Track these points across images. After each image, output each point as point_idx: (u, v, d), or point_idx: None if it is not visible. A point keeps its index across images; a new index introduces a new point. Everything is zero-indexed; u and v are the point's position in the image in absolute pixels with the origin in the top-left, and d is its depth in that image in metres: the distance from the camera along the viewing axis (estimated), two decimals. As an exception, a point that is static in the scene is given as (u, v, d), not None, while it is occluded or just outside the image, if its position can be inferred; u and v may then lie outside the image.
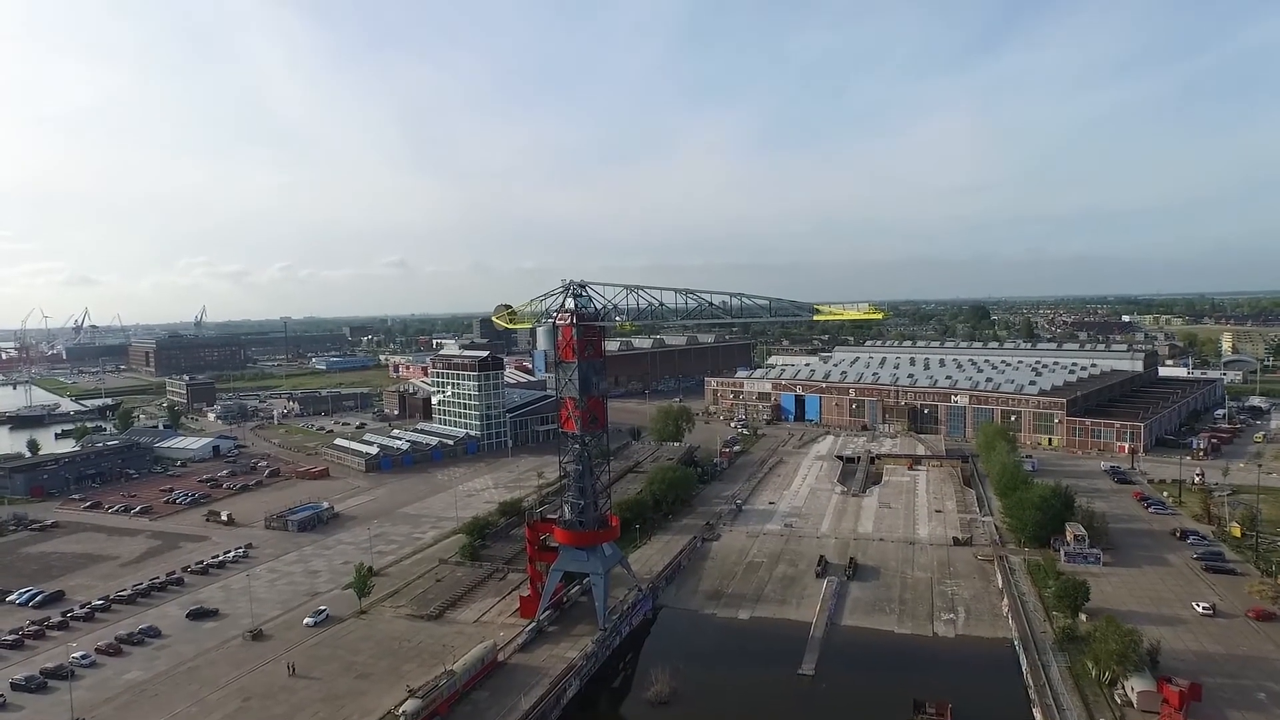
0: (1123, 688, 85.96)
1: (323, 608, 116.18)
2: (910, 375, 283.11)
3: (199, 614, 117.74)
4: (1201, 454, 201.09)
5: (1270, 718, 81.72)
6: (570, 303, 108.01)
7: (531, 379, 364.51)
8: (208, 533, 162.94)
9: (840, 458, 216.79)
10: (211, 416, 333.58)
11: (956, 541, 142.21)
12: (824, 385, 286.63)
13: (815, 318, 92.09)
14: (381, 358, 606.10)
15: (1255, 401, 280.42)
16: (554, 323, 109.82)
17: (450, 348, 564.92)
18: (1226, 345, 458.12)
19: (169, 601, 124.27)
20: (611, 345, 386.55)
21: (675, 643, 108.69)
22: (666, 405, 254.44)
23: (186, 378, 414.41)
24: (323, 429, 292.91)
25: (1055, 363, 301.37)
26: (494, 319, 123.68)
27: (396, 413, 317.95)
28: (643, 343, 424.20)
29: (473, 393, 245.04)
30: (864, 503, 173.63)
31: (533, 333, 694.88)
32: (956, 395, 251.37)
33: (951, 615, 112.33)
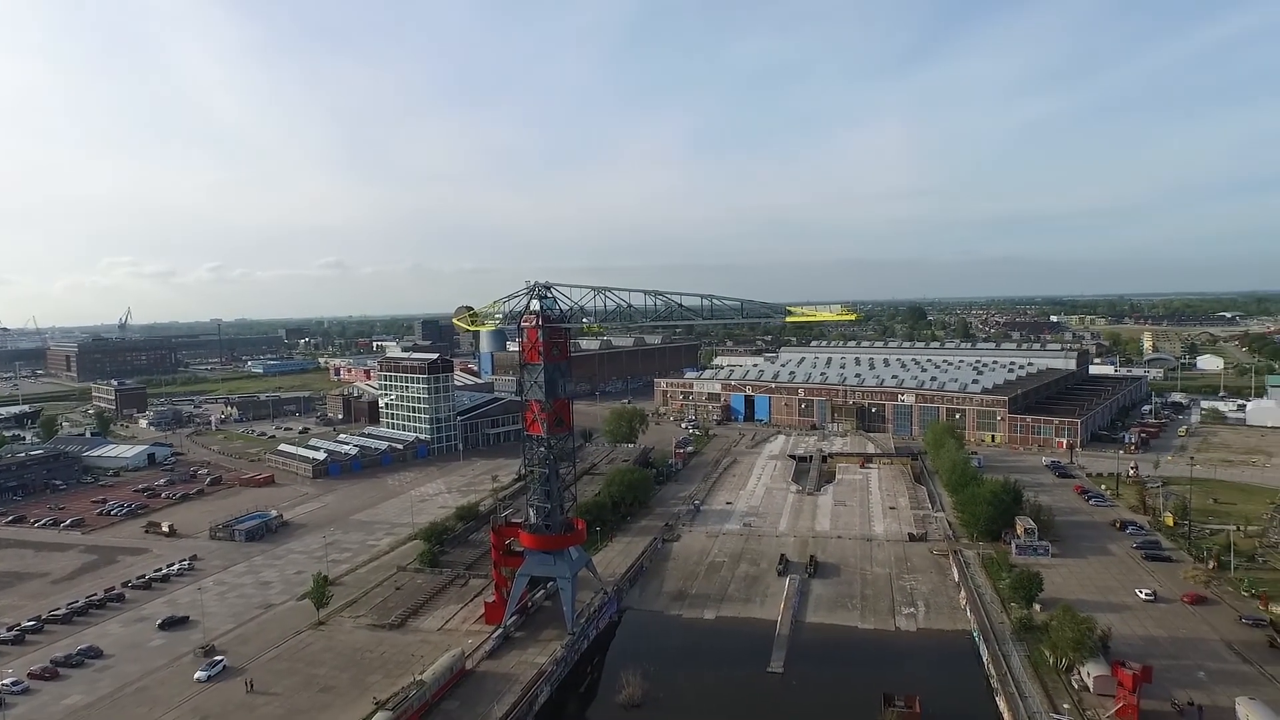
0: (1079, 673, 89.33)
1: (219, 658, 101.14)
2: (857, 375, 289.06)
3: (170, 622, 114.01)
4: (1133, 448, 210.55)
5: (1211, 694, 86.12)
6: (536, 304, 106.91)
7: (478, 381, 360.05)
8: (148, 545, 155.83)
9: (793, 457, 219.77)
10: (144, 423, 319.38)
11: (912, 537, 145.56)
12: (773, 386, 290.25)
13: (787, 319, 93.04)
14: (321, 360, 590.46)
15: (1177, 397, 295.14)
16: (519, 325, 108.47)
17: (393, 350, 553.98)
18: (1147, 344, 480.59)
19: (109, 619, 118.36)
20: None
21: (642, 645, 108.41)
22: (620, 407, 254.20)
23: (115, 382, 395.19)
24: (264, 434, 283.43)
25: (994, 361, 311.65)
26: (454, 321, 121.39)
27: (341, 417, 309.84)
28: (590, 344, 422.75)
29: (422, 396, 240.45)
30: (820, 501, 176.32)
31: (476, 335, 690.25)
32: (903, 394, 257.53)
33: (912, 609, 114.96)
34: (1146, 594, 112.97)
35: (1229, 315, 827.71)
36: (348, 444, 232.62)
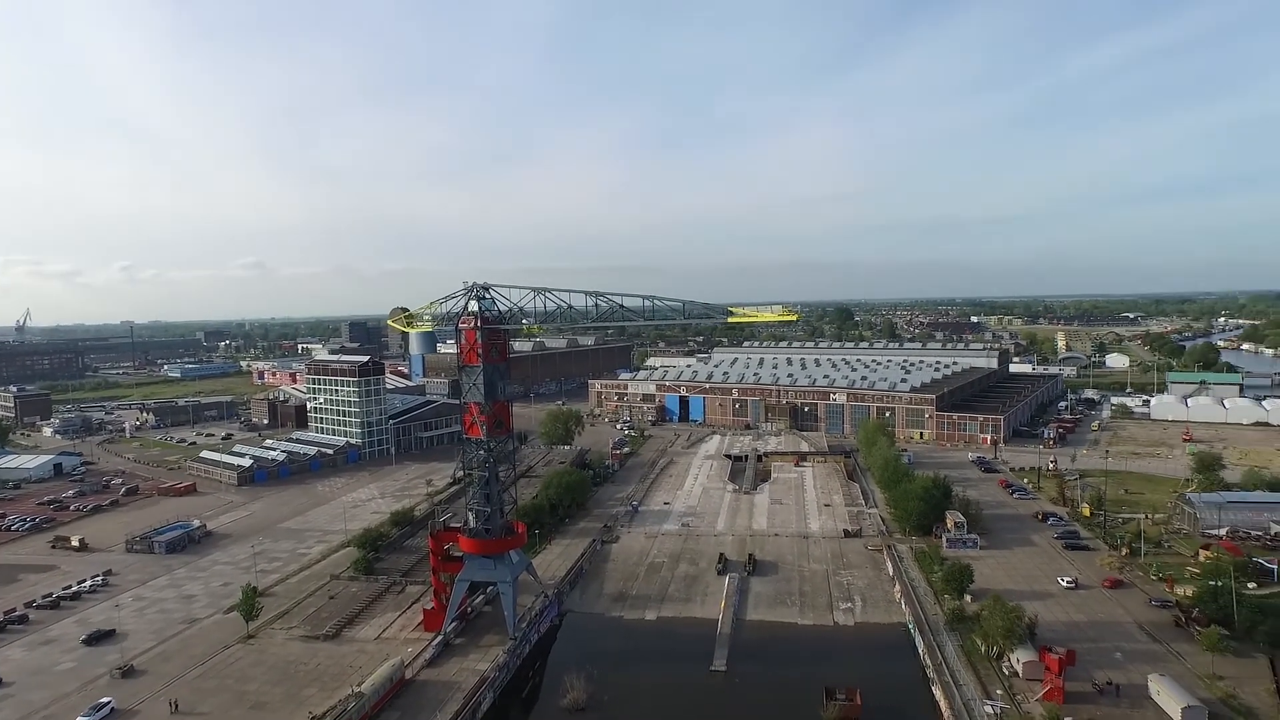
0: (1009, 660, 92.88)
1: (105, 699, 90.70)
2: (790, 375, 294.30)
3: (94, 636, 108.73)
4: (1051, 443, 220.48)
5: (1126, 673, 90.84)
6: (474, 305, 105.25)
7: (409, 384, 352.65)
8: (55, 561, 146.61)
9: (729, 456, 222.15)
10: (48, 431, 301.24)
11: (847, 533, 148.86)
12: (707, 386, 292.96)
13: (730, 320, 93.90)
14: (243, 364, 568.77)
15: (1089, 394, 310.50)
16: (457, 326, 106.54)
17: (319, 353, 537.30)
18: (1061, 344, 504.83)
19: (10, 643, 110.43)
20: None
21: (584, 647, 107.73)
22: (556, 408, 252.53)
23: (15, 388, 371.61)
24: (184, 441, 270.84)
25: (921, 361, 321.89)
26: (389, 322, 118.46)
27: (267, 422, 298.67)
28: (524, 345, 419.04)
29: (353, 399, 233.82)
30: (756, 500, 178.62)
31: (404, 336, 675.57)
32: (835, 393, 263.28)
33: (849, 604, 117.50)
34: (1067, 581, 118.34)
35: (1131, 316, 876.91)
36: (275, 450, 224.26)
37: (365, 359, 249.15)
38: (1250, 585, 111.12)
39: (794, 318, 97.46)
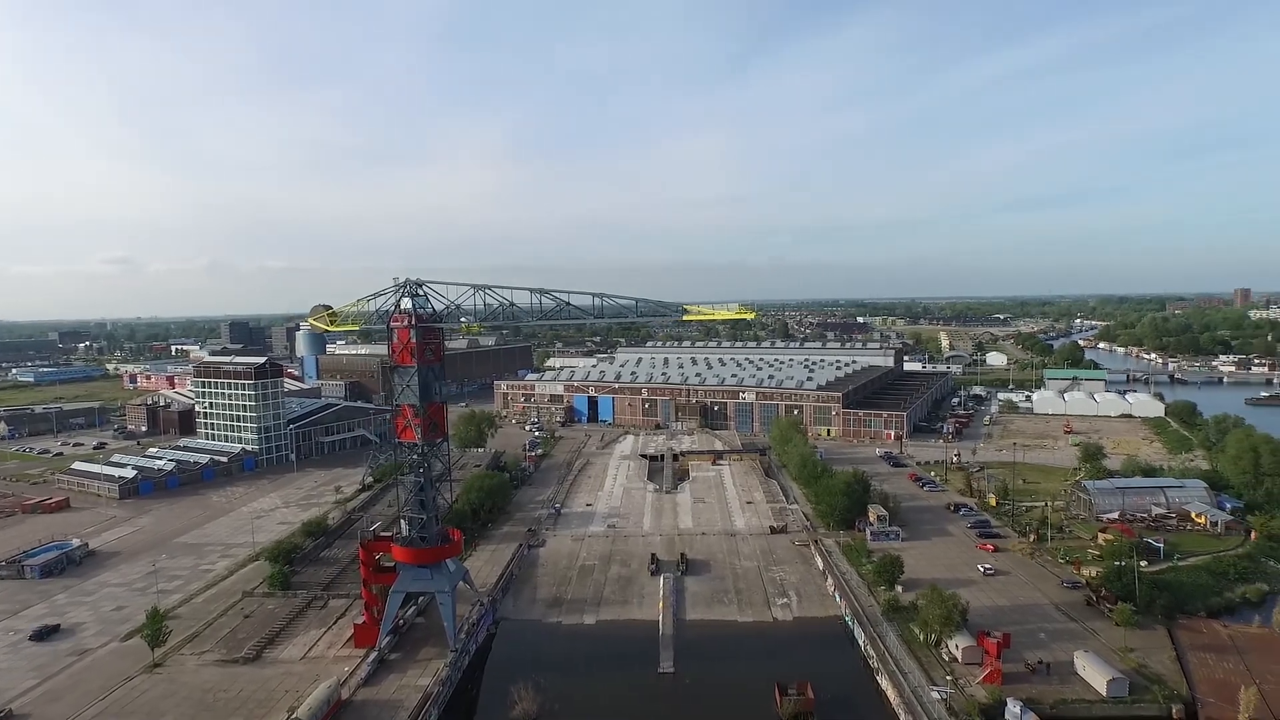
0: (947, 646, 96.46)
1: None
2: (698, 374, 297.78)
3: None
4: (950, 437, 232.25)
5: (1052, 651, 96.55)
6: (407, 303, 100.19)
7: (304, 386, 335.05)
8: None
9: (645, 456, 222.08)
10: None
11: (773, 530, 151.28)
12: (616, 386, 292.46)
13: (685, 318, 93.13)
14: (110, 367, 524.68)
15: (977, 390, 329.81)
16: (389, 325, 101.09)
17: (197, 354, 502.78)
18: (945, 343, 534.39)
19: None
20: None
21: (525, 655, 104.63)
22: (468, 410, 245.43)
23: None
24: (48, 452, 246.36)
25: (822, 360, 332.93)
26: (310, 321, 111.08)
27: (146, 429, 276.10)
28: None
29: (249, 403, 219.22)
30: (678, 499, 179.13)
31: (289, 335, 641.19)
32: (744, 392, 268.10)
33: (785, 599, 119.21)
34: (986, 568, 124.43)
35: (1001, 317, 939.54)
36: (161, 458, 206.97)
37: (262, 360, 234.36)
38: (1143, 563, 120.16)
39: (751, 315, 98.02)
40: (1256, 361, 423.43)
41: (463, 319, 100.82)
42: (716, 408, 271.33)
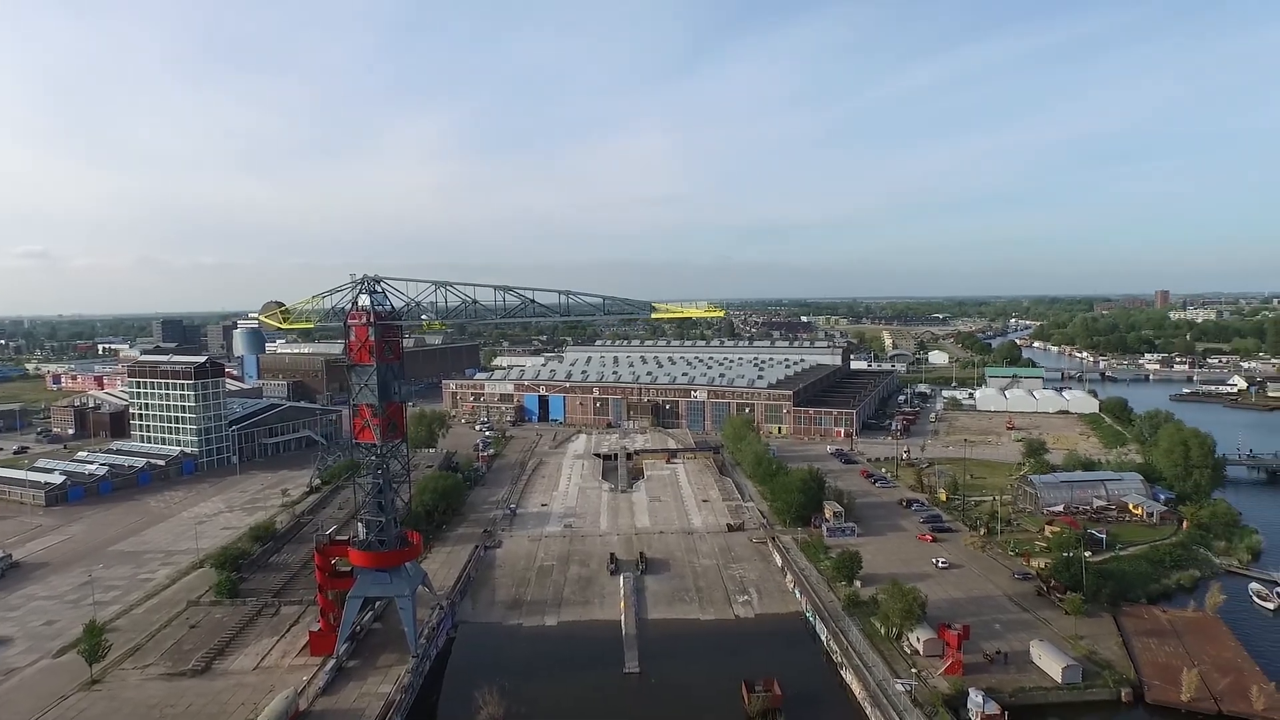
0: (908, 639, 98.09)
1: None
2: (649, 373, 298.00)
3: None
4: (899, 434, 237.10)
5: (1008, 641, 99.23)
6: (365, 300, 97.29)
7: (244, 387, 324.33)
8: None
9: (598, 455, 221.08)
10: None
11: (730, 528, 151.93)
12: (567, 385, 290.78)
13: (654, 315, 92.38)
14: (31, 367, 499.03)
15: (922, 388, 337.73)
16: (345, 322, 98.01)
17: (127, 353, 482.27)
18: (888, 342, 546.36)
19: None
20: (335, 349, 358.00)
21: (487, 659, 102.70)
22: (417, 410, 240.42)
23: None
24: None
25: (771, 358, 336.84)
26: (262, 318, 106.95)
27: (73, 432, 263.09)
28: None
29: (188, 404, 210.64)
30: (634, 498, 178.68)
31: (226, 334, 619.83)
32: (696, 391, 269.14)
33: (746, 597, 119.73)
34: (941, 562, 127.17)
35: (940, 316, 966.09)
36: (92, 463, 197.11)
37: (203, 359, 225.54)
38: (1088, 554, 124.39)
39: (719, 314, 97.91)
40: (1178, 360, 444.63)
41: (423, 317, 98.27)
42: (668, 406, 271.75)
